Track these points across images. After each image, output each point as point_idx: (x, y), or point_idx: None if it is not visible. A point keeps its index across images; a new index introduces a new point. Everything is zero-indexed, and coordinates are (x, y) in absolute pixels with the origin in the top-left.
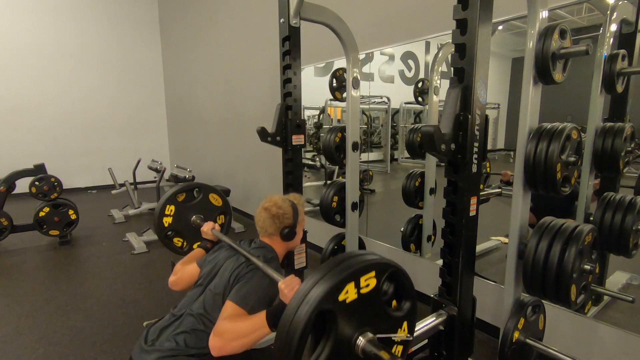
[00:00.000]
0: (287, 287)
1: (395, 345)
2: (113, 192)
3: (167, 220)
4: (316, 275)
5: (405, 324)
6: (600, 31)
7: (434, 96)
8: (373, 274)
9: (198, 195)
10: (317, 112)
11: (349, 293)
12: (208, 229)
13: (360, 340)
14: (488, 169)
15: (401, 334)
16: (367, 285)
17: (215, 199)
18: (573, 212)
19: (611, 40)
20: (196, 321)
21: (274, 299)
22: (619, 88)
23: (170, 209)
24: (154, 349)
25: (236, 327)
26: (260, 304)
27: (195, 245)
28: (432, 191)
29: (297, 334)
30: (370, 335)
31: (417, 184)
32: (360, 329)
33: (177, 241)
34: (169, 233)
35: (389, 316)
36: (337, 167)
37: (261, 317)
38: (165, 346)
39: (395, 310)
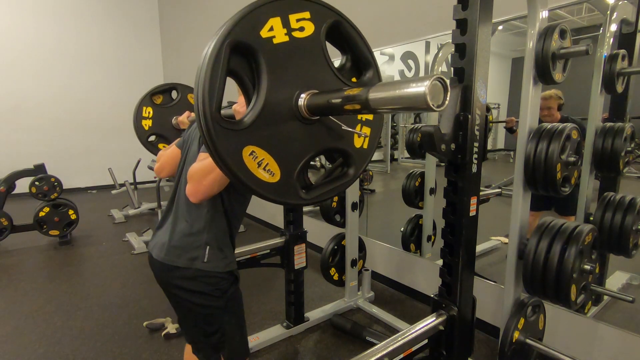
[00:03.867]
0: (241, 105)
1: (360, 125)
2: (113, 192)
3: (146, 123)
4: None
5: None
6: (600, 31)
7: None
8: (307, 15)
9: (176, 97)
10: None
11: (276, 31)
12: (184, 117)
13: (302, 97)
14: (491, 118)
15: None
16: (302, 29)
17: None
18: (571, 205)
19: (611, 40)
20: (185, 208)
21: None
22: (619, 88)
23: (148, 111)
24: (163, 230)
25: (202, 164)
26: None
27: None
28: (432, 191)
29: (207, 70)
30: (316, 91)
31: (417, 184)
32: (304, 87)
33: (162, 147)
34: (152, 138)
35: (343, 83)
36: None
37: None
38: (170, 228)
39: (355, 84)
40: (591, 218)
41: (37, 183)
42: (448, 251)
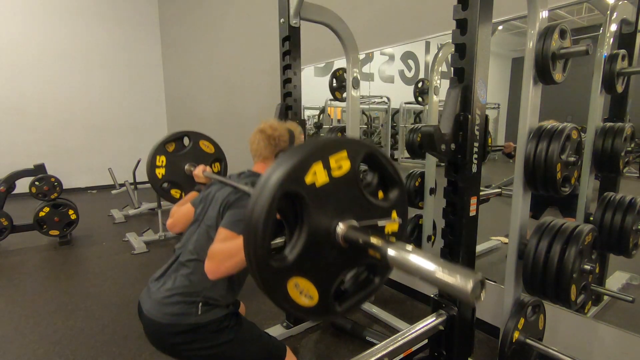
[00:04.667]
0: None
1: (387, 237)
2: (113, 192)
3: (160, 172)
4: (280, 160)
5: (394, 213)
6: (600, 31)
7: (434, 96)
8: (344, 154)
9: (188, 144)
10: (317, 112)
11: (318, 175)
12: (199, 171)
13: (340, 228)
14: (490, 142)
15: (390, 222)
16: (340, 167)
17: (206, 146)
18: (572, 207)
19: (611, 40)
20: (189, 268)
21: None
22: (619, 88)
23: (162, 160)
24: (159, 288)
25: (226, 246)
26: None
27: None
28: (432, 191)
29: (260, 219)
30: (352, 222)
31: (417, 184)
32: (340, 217)
33: (175, 193)
34: (165, 185)
35: (375, 206)
36: None
37: None
38: (168, 285)
39: (382, 201)
40: (591, 218)
41: (37, 183)
42: (448, 251)
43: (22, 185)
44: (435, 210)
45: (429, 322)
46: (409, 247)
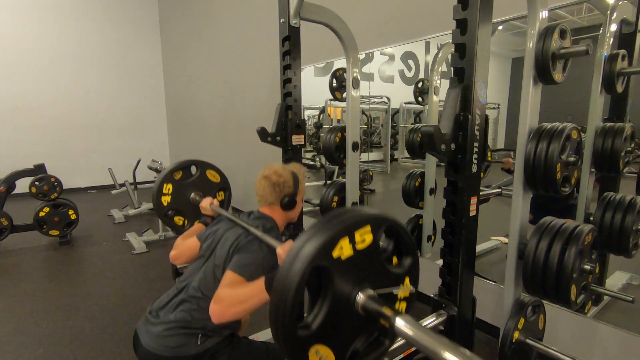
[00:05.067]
0: (285, 251)
1: (398, 302)
2: (113, 192)
3: (165, 199)
4: (309, 232)
5: (407, 280)
6: (600, 31)
7: (434, 96)
8: (368, 228)
9: (195, 172)
10: (317, 112)
11: (344, 249)
12: (207, 204)
13: (360, 297)
14: (489, 158)
15: (403, 289)
16: (363, 241)
17: (213, 175)
18: (571, 210)
19: (611, 40)
20: (194, 304)
21: (274, 267)
22: (619, 88)
23: (168, 188)
24: (159, 321)
25: (235, 293)
26: (259, 272)
27: (196, 223)
28: (432, 191)
29: (291, 291)
30: (370, 291)
31: (417, 184)
32: (359, 286)
33: (178, 220)
34: (169, 212)
35: (389, 273)
36: (337, 167)
37: (260, 282)
38: (169, 318)
39: (396, 267)
40: (591, 218)
41: (37, 183)
42: (448, 251)
43: (22, 185)
44: (435, 210)
45: (429, 322)
46: (415, 322)
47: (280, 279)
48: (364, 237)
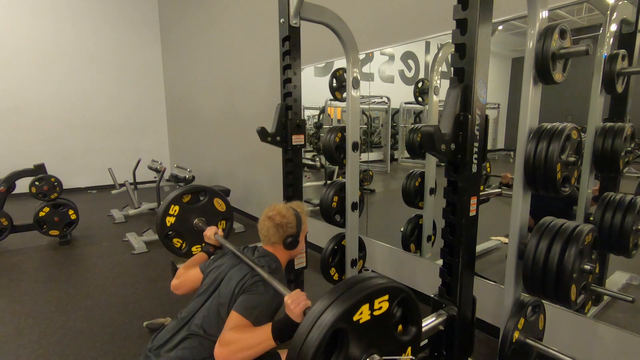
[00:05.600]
0: (293, 302)
1: None
2: (113, 192)
3: (169, 220)
4: (332, 295)
5: (409, 350)
6: (600, 31)
7: (434, 96)
8: (387, 297)
9: (203, 199)
10: (317, 112)
11: (363, 314)
12: (211, 233)
13: None
14: (488, 169)
15: (405, 358)
16: (380, 308)
17: (219, 204)
18: (572, 215)
19: (611, 40)
20: (195, 342)
21: (278, 309)
22: (619, 88)
23: (175, 209)
24: (158, 355)
25: (242, 338)
26: (265, 315)
27: (194, 248)
28: (432, 191)
29: (312, 348)
30: (377, 357)
31: (417, 184)
32: (368, 351)
33: (177, 242)
34: (170, 233)
35: (396, 340)
36: (337, 167)
37: (267, 330)
38: (170, 356)
39: (402, 335)
40: (591, 218)
41: (37, 183)
42: (448, 251)
43: (22, 185)
44: (435, 210)
45: (429, 322)
46: None
47: (299, 340)
48: (382, 304)
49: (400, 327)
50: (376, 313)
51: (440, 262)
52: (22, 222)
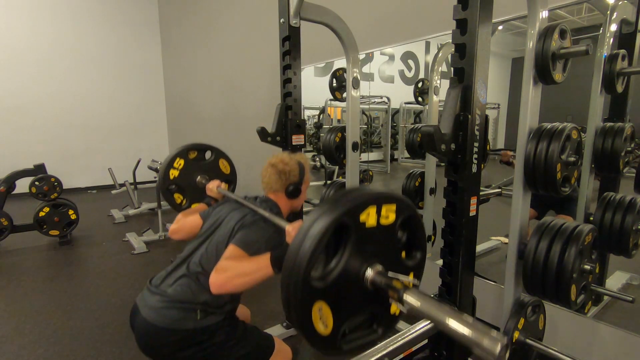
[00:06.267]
0: (295, 229)
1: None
2: (113, 192)
3: (173, 173)
4: (340, 194)
5: (411, 275)
6: (600, 31)
7: (434, 96)
8: (394, 207)
9: (209, 157)
10: (317, 112)
11: (370, 217)
12: (214, 186)
13: (370, 272)
14: (488, 148)
15: (410, 280)
16: (387, 217)
17: (224, 166)
18: (573, 200)
19: (611, 40)
20: (191, 279)
21: (278, 247)
22: (619, 88)
23: (180, 163)
24: (158, 292)
25: (239, 265)
26: (263, 250)
27: (194, 205)
28: (432, 191)
29: (318, 235)
30: (381, 267)
31: (417, 184)
32: (371, 261)
33: (178, 197)
34: (172, 187)
35: (400, 261)
36: (337, 167)
37: (265, 257)
38: (168, 292)
39: (406, 260)
40: (591, 218)
41: (37, 183)
42: (448, 251)
43: (22, 185)
44: (435, 210)
45: (429, 322)
46: (423, 294)
47: (308, 224)
48: (389, 214)
49: (404, 253)
50: (382, 222)
51: (440, 262)
52: (22, 222)
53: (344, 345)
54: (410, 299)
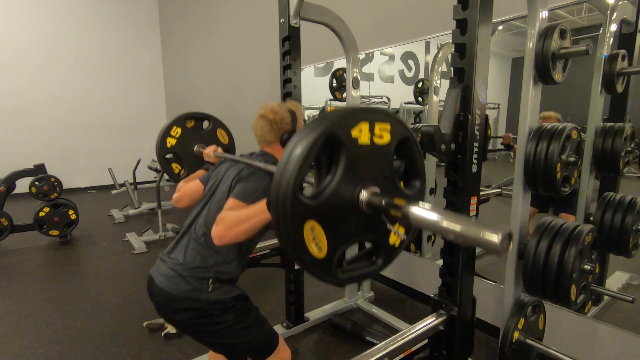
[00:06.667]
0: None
1: (398, 224)
2: (113, 192)
3: (170, 141)
4: (336, 109)
5: None
6: (600, 31)
7: (434, 96)
8: (388, 126)
9: (207, 127)
10: (317, 112)
11: (362, 134)
12: (211, 151)
13: (364, 194)
14: (489, 133)
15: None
16: (381, 137)
17: (222, 136)
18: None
19: (611, 40)
20: (199, 242)
21: None
22: (619, 88)
23: (177, 131)
24: (169, 260)
25: (237, 213)
26: (262, 198)
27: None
28: (432, 191)
29: (306, 147)
30: (377, 189)
31: None
32: (366, 184)
33: (175, 167)
34: (169, 156)
35: (397, 189)
36: None
37: (262, 202)
38: (179, 259)
39: (405, 189)
40: (591, 218)
41: (37, 183)
42: (448, 251)
43: (22, 185)
44: None
45: (429, 322)
46: (429, 205)
47: (297, 139)
48: (383, 133)
49: (402, 183)
50: (377, 141)
51: (440, 262)
52: (22, 222)
53: (341, 273)
54: (417, 210)
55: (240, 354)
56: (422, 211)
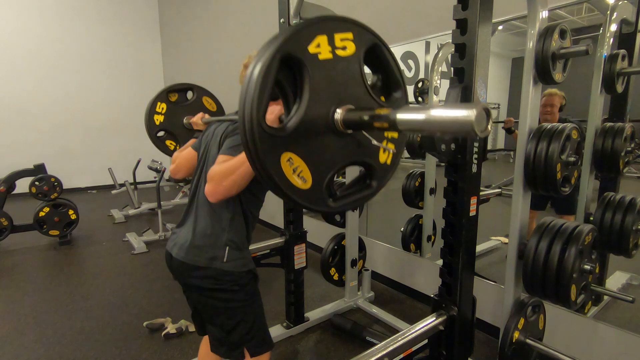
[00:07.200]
0: (270, 113)
1: (385, 141)
2: (113, 192)
3: (158, 118)
4: (285, 27)
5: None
6: (600, 31)
7: (434, 96)
8: (350, 35)
9: (191, 97)
10: None
11: (322, 48)
12: (198, 118)
13: (339, 113)
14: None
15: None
16: (344, 48)
17: (209, 103)
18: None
19: (611, 40)
20: (205, 208)
21: None
22: (619, 88)
23: (162, 107)
24: (182, 231)
25: (223, 166)
26: None
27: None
28: (432, 191)
29: (260, 75)
30: (351, 106)
31: (417, 184)
32: (339, 102)
33: (170, 144)
34: (161, 134)
35: (376, 101)
36: None
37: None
38: (191, 228)
39: (387, 103)
40: (591, 218)
41: (37, 183)
42: (448, 251)
43: (22, 185)
44: (435, 210)
45: (429, 322)
46: (412, 106)
47: (250, 70)
48: (345, 44)
49: (383, 98)
50: (340, 53)
51: (440, 262)
52: (22, 222)
53: (333, 202)
54: (404, 114)
55: (240, 343)
56: (409, 114)
